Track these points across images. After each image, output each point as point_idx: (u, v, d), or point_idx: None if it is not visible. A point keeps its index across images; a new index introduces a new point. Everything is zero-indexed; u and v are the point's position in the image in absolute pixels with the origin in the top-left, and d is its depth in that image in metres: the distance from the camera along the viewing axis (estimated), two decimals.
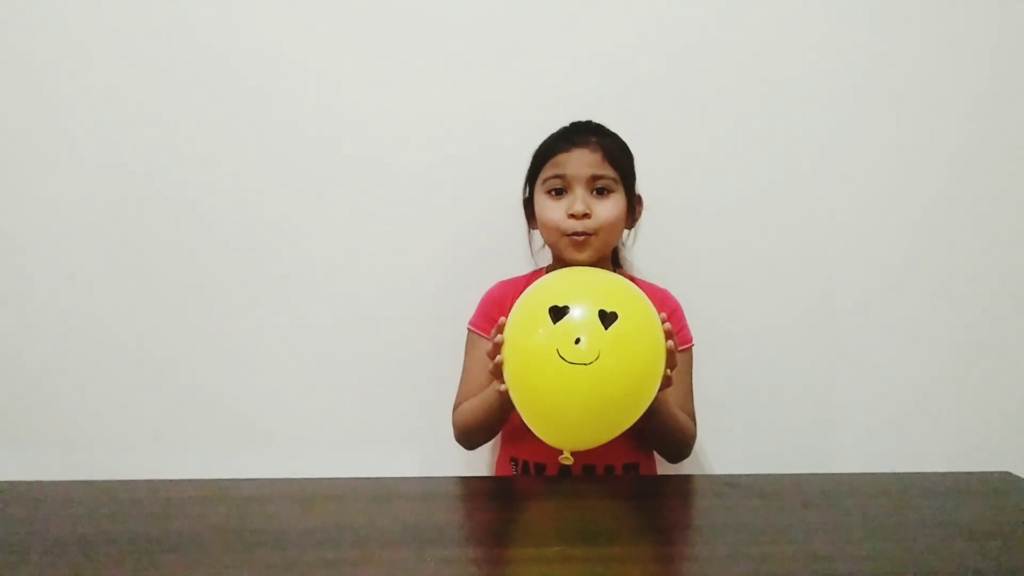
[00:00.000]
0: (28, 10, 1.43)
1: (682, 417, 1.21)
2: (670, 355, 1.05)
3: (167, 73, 1.44)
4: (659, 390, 1.06)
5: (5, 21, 1.43)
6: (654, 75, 1.45)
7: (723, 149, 1.46)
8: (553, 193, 1.22)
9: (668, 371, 1.06)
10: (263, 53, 1.44)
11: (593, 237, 1.20)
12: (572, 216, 1.19)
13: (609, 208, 1.21)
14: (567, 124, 1.28)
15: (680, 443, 1.23)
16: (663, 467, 1.32)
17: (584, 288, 1.07)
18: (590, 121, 1.28)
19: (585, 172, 1.20)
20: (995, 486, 1.10)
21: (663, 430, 1.18)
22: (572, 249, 1.21)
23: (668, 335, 1.05)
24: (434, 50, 1.44)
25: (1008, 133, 1.47)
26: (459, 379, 1.29)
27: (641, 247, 1.41)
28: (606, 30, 1.45)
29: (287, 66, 1.44)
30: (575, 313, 1.00)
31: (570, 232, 1.20)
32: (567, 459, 1.05)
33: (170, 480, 1.11)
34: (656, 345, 1.04)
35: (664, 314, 1.07)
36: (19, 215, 1.45)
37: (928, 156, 1.47)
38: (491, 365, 1.08)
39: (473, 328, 1.28)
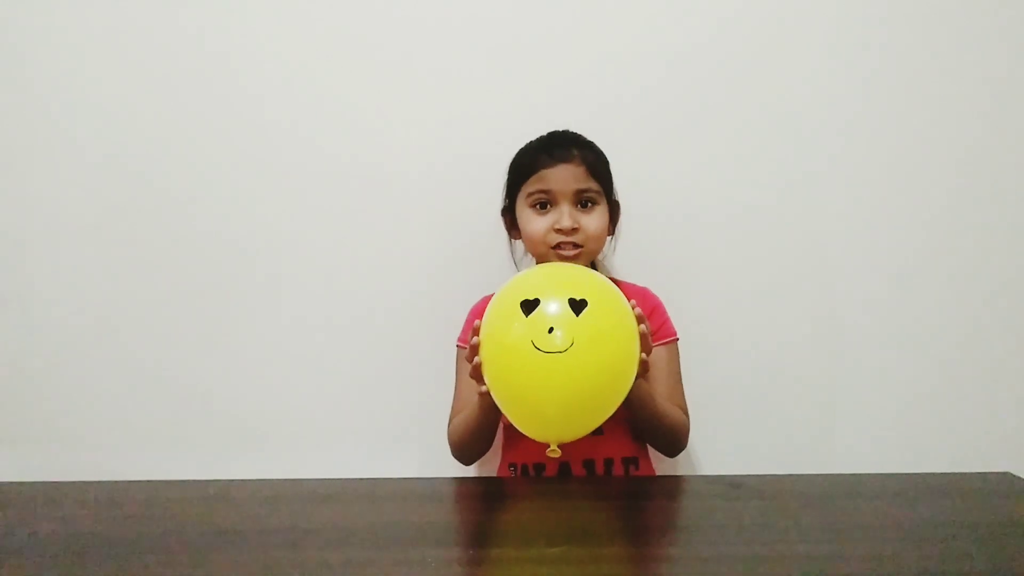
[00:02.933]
0: (28, 11, 1.43)
1: (671, 409, 1.21)
2: (643, 339, 1.06)
3: (167, 75, 1.44)
4: (637, 375, 1.06)
5: (4, 22, 1.43)
6: (649, 81, 1.44)
7: (724, 152, 1.46)
8: (538, 207, 1.23)
9: (644, 356, 1.06)
10: (262, 59, 1.44)
11: (582, 249, 1.22)
12: (559, 231, 1.21)
13: (595, 220, 1.23)
14: (543, 135, 1.29)
15: (671, 436, 1.23)
16: (661, 464, 1.32)
17: (552, 280, 1.08)
18: (567, 131, 1.29)
19: (571, 187, 1.22)
20: (996, 487, 1.10)
21: (653, 423, 1.18)
22: (559, 260, 1.22)
23: (639, 319, 1.06)
24: (428, 58, 1.44)
25: (1008, 139, 1.47)
26: (452, 387, 1.28)
27: (645, 250, 1.41)
28: (599, 37, 1.45)
29: (286, 75, 1.44)
30: (546, 304, 1.01)
31: (555, 244, 1.22)
32: (554, 452, 1.05)
33: (168, 481, 1.12)
34: (628, 329, 1.04)
35: (634, 300, 1.08)
36: (19, 216, 1.45)
37: (927, 158, 1.47)
38: (471, 368, 1.08)
39: (462, 345, 1.28)
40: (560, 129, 1.30)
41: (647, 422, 1.18)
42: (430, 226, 1.46)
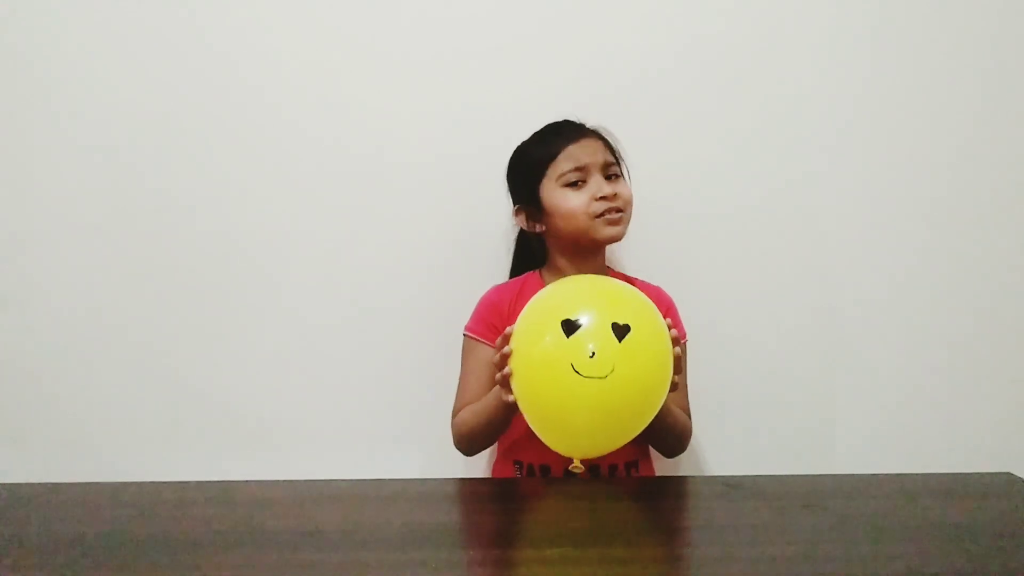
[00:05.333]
0: (31, 11, 1.43)
1: (679, 413, 1.22)
2: (676, 361, 1.07)
3: (168, 74, 1.44)
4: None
5: (5, 22, 1.43)
6: (654, 76, 1.45)
7: (725, 150, 1.46)
8: (572, 185, 1.24)
9: (676, 377, 1.07)
10: (264, 57, 1.44)
11: (623, 214, 1.24)
12: (603, 198, 1.22)
13: (626, 188, 1.26)
14: (542, 128, 1.29)
15: (676, 438, 1.24)
16: (661, 464, 1.32)
17: (594, 299, 1.07)
18: (565, 119, 1.30)
19: (599, 159, 1.24)
20: (997, 487, 1.10)
21: (663, 427, 1.18)
22: (606, 227, 1.23)
23: (675, 342, 1.07)
24: (429, 52, 1.44)
25: (1008, 138, 1.47)
26: (457, 384, 1.28)
27: (644, 249, 1.41)
28: (605, 31, 1.45)
29: (287, 71, 1.44)
30: (588, 327, 1.01)
31: (600, 212, 1.22)
32: (577, 467, 1.06)
33: (169, 482, 1.12)
34: (665, 354, 1.05)
35: (670, 320, 1.09)
36: (20, 216, 1.45)
37: (928, 158, 1.47)
38: (499, 376, 1.08)
39: (470, 334, 1.28)
40: (563, 119, 1.30)
41: (659, 428, 1.17)
42: (431, 224, 1.45)
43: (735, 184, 1.46)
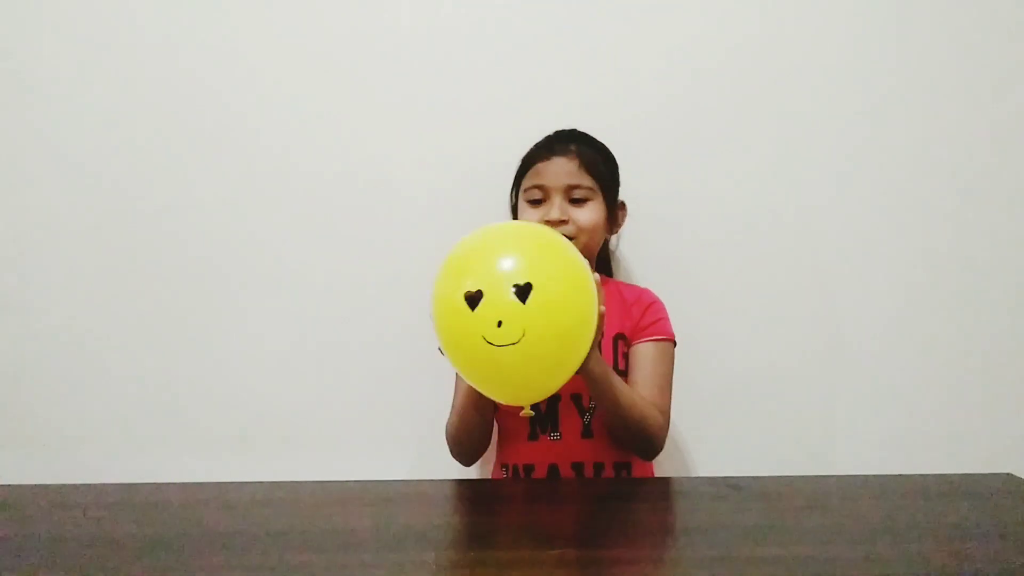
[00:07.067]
0: (26, 19, 1.43)
1: (639, 400, 1.16)
2: (598, 287, 1.04)
3: (166, 82, 1.44)
4: (598, 328, 1.04)
5: (2, 27, 1.43)
6: (651, 78, 1.45)
7: (725, 153, 1.46)
8: (533, 203, 1.24)
9: (602, 309, 1.04)
10: (263, 61, 1.44)
11: (572, 241, 1.19)
12: (548, 222, 1.19)
13: (586, 214, 1.22)
14: (551, 132, 1.30)
15: (638, 429, 1.15)
16: (660, 467, 1.31)
17: (493, 262, 1.03)
18: (574, 130, 1.29)
19: (562, 181, 1.22)
20: (997, 488, 1.10)
21: (612, 405, 1.12)
22: None
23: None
24: (428, 58, 1.44)
25: (1009, 147, 1.47)
26: (446, 390, 1.28)
27: (643, 251, 1.41)
28: (602, 35, 1.45)
29: (287, 74, 1.44)
30: (489, 297, 0.98)
31: None
32: (527, 412, 1.06)
33: (164, 484, 1.12)
34: (580, 293, 1.02)
35: (598, 278, 1.05)
36: (16, 220, 1.45)
37: (928, 158, 1.47)
38: None
39: None
40: (567, 128, 1.30)
41: (604, 400, 1.12)
42: (430, 229, 1.45)
43: (737, 190, 1.46)
